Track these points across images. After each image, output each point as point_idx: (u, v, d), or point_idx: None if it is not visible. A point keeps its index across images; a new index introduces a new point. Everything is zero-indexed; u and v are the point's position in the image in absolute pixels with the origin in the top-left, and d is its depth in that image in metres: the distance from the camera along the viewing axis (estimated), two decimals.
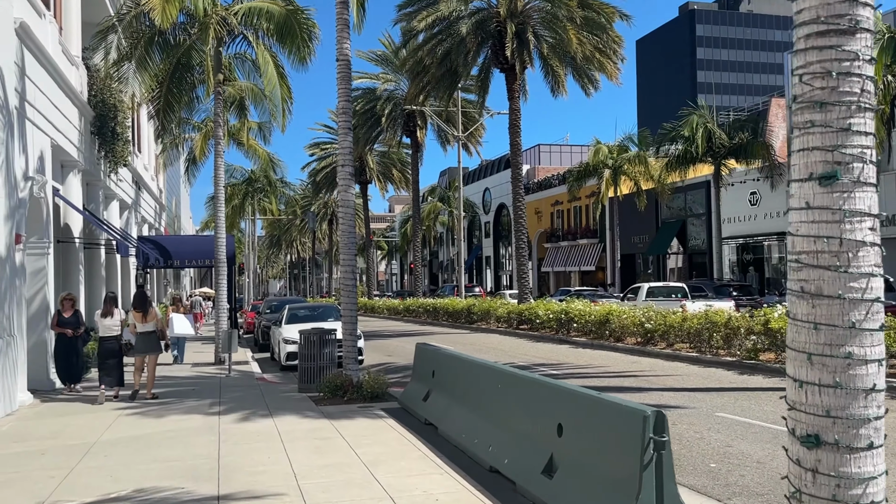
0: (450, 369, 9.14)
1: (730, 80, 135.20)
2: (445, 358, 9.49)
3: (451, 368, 9.08)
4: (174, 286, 50.06)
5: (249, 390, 13.53)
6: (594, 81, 29.83)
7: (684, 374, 14.58)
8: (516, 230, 28.67)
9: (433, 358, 10.03)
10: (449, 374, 9.13)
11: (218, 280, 19.18)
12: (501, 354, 19.51)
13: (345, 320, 11.96)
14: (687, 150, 33.94)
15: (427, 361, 10.30)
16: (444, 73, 27.91)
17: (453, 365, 9.06)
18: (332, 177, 53.34)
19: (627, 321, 19.55)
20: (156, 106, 20.88)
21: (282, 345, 17.81)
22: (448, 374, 9.18)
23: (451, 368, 9.12)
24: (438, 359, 9.79)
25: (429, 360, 10.21)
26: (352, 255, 11.87)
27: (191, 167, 39.20)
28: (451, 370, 9.10)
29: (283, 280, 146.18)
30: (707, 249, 41.28)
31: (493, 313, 28.98)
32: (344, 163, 11.73)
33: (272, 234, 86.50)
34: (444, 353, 9.63)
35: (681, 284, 30.88)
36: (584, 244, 52.84)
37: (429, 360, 10.23)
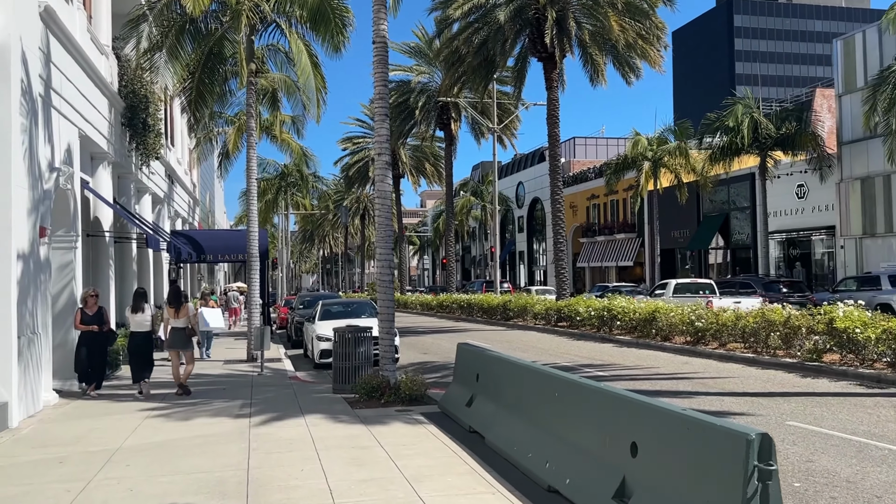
0: (497, 373, 8.39)
1: (769, 72, 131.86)
2: (491, 361, 8.74)
3: (499, 372, 8.33)
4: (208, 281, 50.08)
5: (282, 390, 12.94)
6: (636, 69, 28.77)
7: (741, 376, 13.64)
8: (554, 224, 27.78)
9: (477, 360, 9.29)
10: (496, 379, 8.38)
11: (250, 275, 18.69)
12: (542, 353, 18.72)
13: (381, 317, 11.28)
14: (732, 140, 32.64)
15: (470, 364, 9.57)
16: (480, 63, 27.09)
17: (501, 369, 8.31)
18: (364, 171, 52.98)
19: (676, 319, 18.60)
20: (188, 97, 20.44)
21: (315, 342, 17.24)
22: (495, 379, 8.43)
23: (498, 372, 8.37)
24: (483, 361, 9.05)
25: (472, 363, 9.48)
26: (388, 249, 11.18)
27: (224, 161, 38.98)
28: (498, 374, 8.36)
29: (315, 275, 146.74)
30: (751, 244, 39.88)
31: (530, 310, 28.15)
32: (380, 152, 11.03)
33: (305, 229, 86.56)
34: (490, 356, 8.88)
35: (709, 281, 30.68)
36: (621, 239, 51.64)
37: (472, 362, 9.49)
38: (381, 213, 11.10)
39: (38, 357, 10.89)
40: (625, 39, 25.37)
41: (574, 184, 58.86)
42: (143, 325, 12.75)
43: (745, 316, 16.28)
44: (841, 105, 32.91)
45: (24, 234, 10.55)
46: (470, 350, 9.85)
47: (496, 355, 8.74)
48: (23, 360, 10.21)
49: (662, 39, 27.01)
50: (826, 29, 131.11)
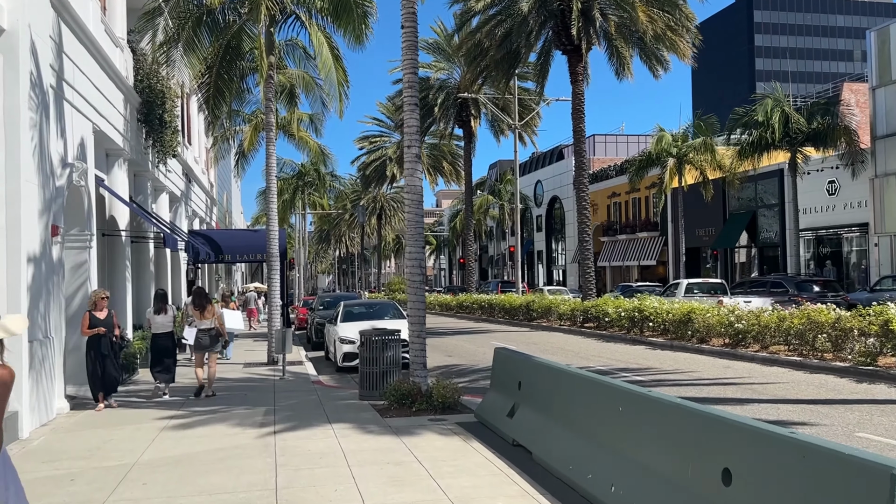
0: (544, 382, 7.68)
1: (789, 68, 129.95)
2: (537, 368, 8.03)
3: (547, 381, 7.62)
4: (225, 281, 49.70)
5: (305, 396, 12.30)
6: (663, 62, 27.95)
7: (790, 381, 12.84)
8: (580, 222, 27.00)
9: (519, 366, 8.59)
10: (543, 388, 7.67)
11: (271, 275, 18.09)
12: (571, 356, 17.98)
13: (412, 320, 10.60)
14: (762, 135, 31.67)
15: (510, 370, 8.86)
16: (503, 56, 26.35)
17: (549, 377, 7.60)
18: (381, 170, 52.42)
19: (713, 321, 17.79)
20: (205, 93, 19.87)
21: (338, 344, 16.61)
22: (541, 388, 7.72)
23: (545, 381, 7.66)
24: (527, 369, 8.34)
25: (513, 370, 8.77)
26: (419, 247, 10.50)
27: (241, 160, 38.51)
28: (545, 384, 7.64)
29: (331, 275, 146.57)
30: (779, 242, 38.85)
31: (554, 310, 27.38)
32: (410, 143, 10.36)
33: (321, 229, 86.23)
34: (536, 363, 8.16)
35: (720, 280, 30.94)
36: (643, 237, 50.70)
37: (513, 369, 8.79)
38: (410, 209, 10.42)
39: (50, 363, 10.32)
40: (653, 30, 24.53)
41: (594, 182, 57.88)
42: (166, 327, 12.74)
43: (790, 317, 15.45)
44: (875, 98, 31.82)
45: (36, 233, 9.97)
46: (510, 356, 9.14)
47: (542, 363, 8.03)
48: (34, 366, 9.64)
49: (692, 30, 26.15)
50: (848, 24, 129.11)
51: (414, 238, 10.46)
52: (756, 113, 32.46)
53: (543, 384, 7.70)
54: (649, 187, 48.61)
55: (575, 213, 60.73)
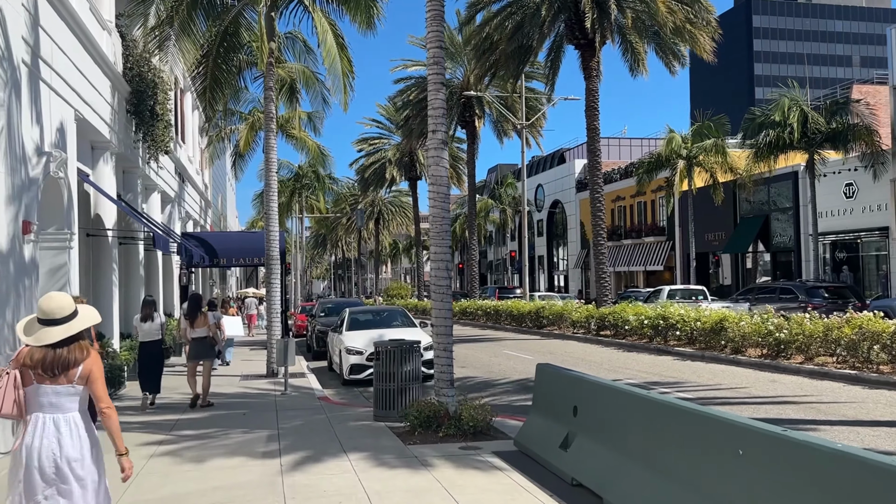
0: (611, 409, 6.32)
1: (788, 73, 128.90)
2: (600, 391, 6.66)
3: (615, 408, 6.26)
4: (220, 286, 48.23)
5: (312, 415, 10.91)
6: (680, 57, 26.73)
7: (854, 398, 11.51)
8: (594, 224, 25.68)
9: (574, 388, 7.22)
10: (610, 417, 6.31)
11: (270, 279, 16.69)
12: (594, 367, 16.62)
13: (438, 330, 9.23)
14: (779, 135, 30.42)
15: (561, 391, 7.50)
16: (514, 50, 25.06)
17: (618, 403, 6.24)
18: (380, 173, 51.04)
19: (748, 329, 16.47)
20: (201, 84, 18.47)
21: (344, 355, 15.22)
22: (609, 416, 6.36)
23: (613, 408, 6.30)
24: (585, 390, 6.97)
25: (565, 390, 7.41)
26: (445, 246, 9.15)
27: (237, 161, 37.11)
28: (613, 410, 6.28)
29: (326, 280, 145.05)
30: (794, 247, 37.62)
31: (567, 317, 26.02)
32: (435, 127, 9.03)
33: (318, 234, 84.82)
34: (597, 385, 6.79)
35: (701, 287, 31.79)
36: (649, 242, 49.43)
37: (564, 389, 7.42)
38: (435, 204, 9.07)
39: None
40: (673, 23, 23.28)
41: None
42: (153, 335, 12.01)
43: (839, 326, 14.14)
44: (895, 98, 30.68)
45: (2, 228, 8.59)
46: (559, 374, 7.76)
47: (607, 385, 6.66)
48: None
49: (712, 24, 24.93)
50: (847, 29, 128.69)
51: (439, 236, 9.10)
52: (773, 112, 31.24)
53: (611, 412, 6.34)
54: (655, 191, 47.40)
55: (577, 217, 59.85)
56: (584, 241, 59.00)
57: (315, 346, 21.64)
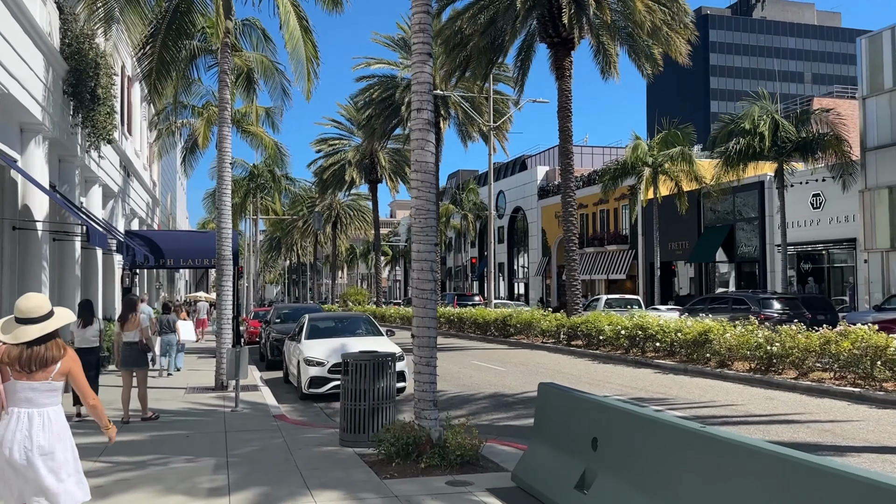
0: (651, 446, 5.09)
1: (742, 87, 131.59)
2: (631, 422, 5.43)
3: (656, 445, 5.04)
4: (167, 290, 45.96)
5: (268, 439, 9.46)
6: (653, 60, 25.94)
7: (864, 418, 10.57)
8: (566, 230, 24.65)
9: (591, 415, 5.98)
10: (650, 455, 5.08)
11: (221, 281, 15.12)
12: (574, 380, 15.48)
13: (419, 342, 7.91)
14: (750, 144, 29.95)
15: (574, 418, 6.25)
16: (486, 46, 23.93)
17: (661, 440, 5.01)
18: (340, 175, 49.45)
19: (734, 342, 15.54)
20: (148, 65, 16.77)
21: (303, 366, 13.75)
22: (646, 454, 5.13)
23: (654, 445, 5.07)
24: (607, 419, 5.74)
25: (579, 418, 6.17)
26: (430, 243, 7.85)
27: (188, 157, 35.17)
28: (654, 448, 5.06)
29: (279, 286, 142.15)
30: (759, 258, 37.33)
31: (535, 326, 24.92)
32: (420, 105, 7.74)
33: (272, 236, 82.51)
34: (627, 414, 5.55)
35: (636, 297, 33.81)
36: (612, 250, 48.88)
37: (579, 416, 6.18)
38: (420, 194, 7.77)
39: None
40: (650, 23, 22.45)
41: (559, 193, 56.01)
42: (90, 341, 11.04)
43: (837, 340, 13.26)
44: (865, 108, 30.50)
45: None
46: (570, 397, 6.50)
47: (640, 414, 5.42)
48: None
49: (689, 26, 24.21)
50: (799, 46, 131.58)
51: (424, 232, 7.79)
52: (743, 121, 30.81)
53: (649, 449, 5.11)
54: (618, 199, 46.93)
55: (539, 224, 59.12)
56: (545, 249, 58.29)
57: (269, 355, 20.06)
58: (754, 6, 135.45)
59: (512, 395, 13.56)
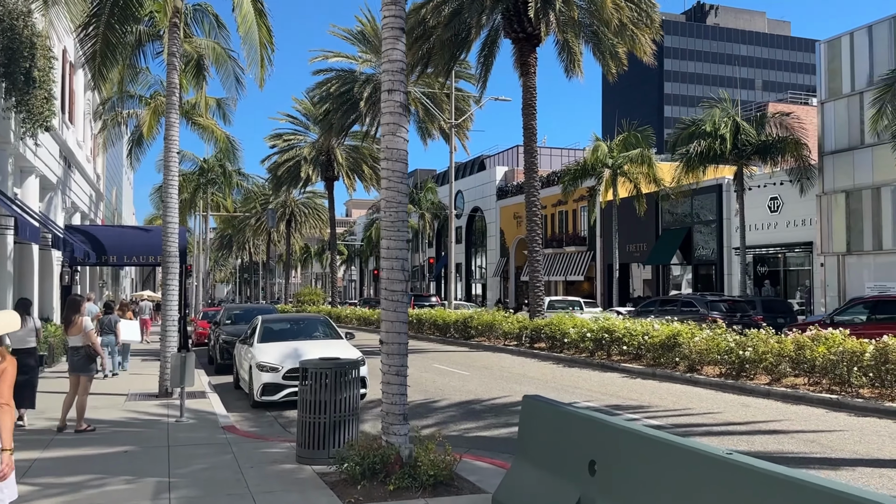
0: (665, 474, 4.43)
1: (695, 93, 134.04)
2: (637, 444, 4.76)
3: (672, 473, 4.37)
4: (112, 288, 44.04)
5: (216, 455, 8.56)
6: (618, 59, 25.55)
7: (847, 427, 10.16)
8: (529, 230, 24.14)
9: (587, 435, 5.30)
10: (664, 485, 4.41)
11: (167, 279, 14.06)
12: (540, 385, 14.90)
13: (388, 348, 7.13)
14: (711, 146, 29.90)
15: (567, 437, 5.56)
16: (449, 38, 23.22)
17: (678, 467, 4.35)
18: (295, 171, 48.18)
19: (704, 345, 15.13)
20: (91, 47, 15.55)
21: (255, 372, 12.81)
22: (659, 484, 4.46)
23: (668, 472, 4.40)
24: (606, 440, 5.06)
25: (572, 437, 5.48)
26: (402, 239, 7.08)
27: (134, 149, 33.59)
28: (669, 476, 4.39)
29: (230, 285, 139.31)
30: (717, 260, 37.46)
31: (498, 328, 24.31)
32: (392, 87, 6.97)
33: (223, 234, 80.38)
34: (631, 435, 4.88)
35: (577, 298, 35.29)
36: (571, 252, 48.69)
37: (572, 435, 5.49)
38: (391, 185, 6.99)
39: None
40: (618, 20, 22.04)
41: (518, 193, 55.73)
42: (26, 342, 10.26)
43: (811, 345, 12.92)
44: (823, 113, 30.74)
45: None
46: (561, 413, 5.80)
47: (648, 435, 4.74)
48: None
49: (655, 23, 23.91)
50: (750, 53, 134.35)
51: (395, 227, 7.02)
52: (704, 123, 30.78)
53: (656, 476, 4.44)
54: (577, 200, 46.73)
55: (497, 225, 58.67)
56: (503, 250, 57.91)
57: (219, 359, 18.98)
58: (708, 13, 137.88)
59: (479, 402, 12.86)
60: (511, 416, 11.52)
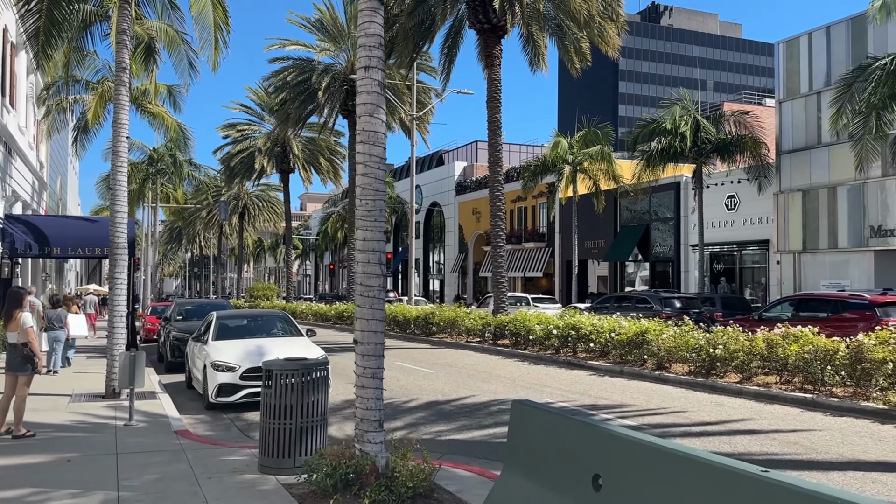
0: (674, 490, 3.98)
1: (650, 93, 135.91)
2: (650, 457, 4.30)
3: (682, 489, 3.93)
4: (55, 282, 42.22)
5: (169, 463, 7.87)
6: (582, 54, 25.30)
7: (825, 427, 9.96)
8: (493, 225, 23.73)
9: (593, 446, 4.83)
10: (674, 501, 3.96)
11: (114, 272, 13.18)
12: (508, 383, 14.49)
13: (363, 349, 6.55)
14: (671, 144, 29.95)
15: (565, 448, 5.09)
16: (413, 28, 22.66)
17: (691, 482, 3.91)
18: (249, 163, 46.99)
19: (672, 343, 14.92)
20: (34, 23, 14.53)
21: (210, 372, 12.07)
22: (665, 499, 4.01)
23: (678, 489, 3.96)
24: (614, 452, 4.61)
25: (572, 447, 5.00)
26: (378, 231, 6.51)
27: (80, 136, 32.12)
28: (679, 493, 3.94)
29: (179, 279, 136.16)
30: (674, 257, 37.70)
31: (460, 325, 23.86)
32: (369, 63, 6.40)
33: (173, 226, 78.21)
34: (644, 447, 4.42)
35: (525, 295, 35.26)
36: (529, 248, 48.55)
37: (574, 445, 5.01)
38: (367, 170, 6.41)
39: None
40: (586, 12, 21.75)
41: (477, 189, 55.44)
42: None
43: (783, 343, 12.76)
44: (781, 112, 31.07)
45: None
46: (560, 419, 5.32)
47: (665, 448, 4.29)
48: None
49: (621, 17, 23.71)
50: (702, 55, 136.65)
51: (371, 216, 6.44)
52: (665, 120, 30.82)
53: (677, 496, 3.99)
54: (536, 196, 46.58)
55: (456, 220, 58.24)
56: (462, 245, 57.53)
57: (170, 357, 18.07)
58: (662, 14, 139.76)
59: (449, 403, 12.37)
60: (484, 417, 11.06)
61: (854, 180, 27.11)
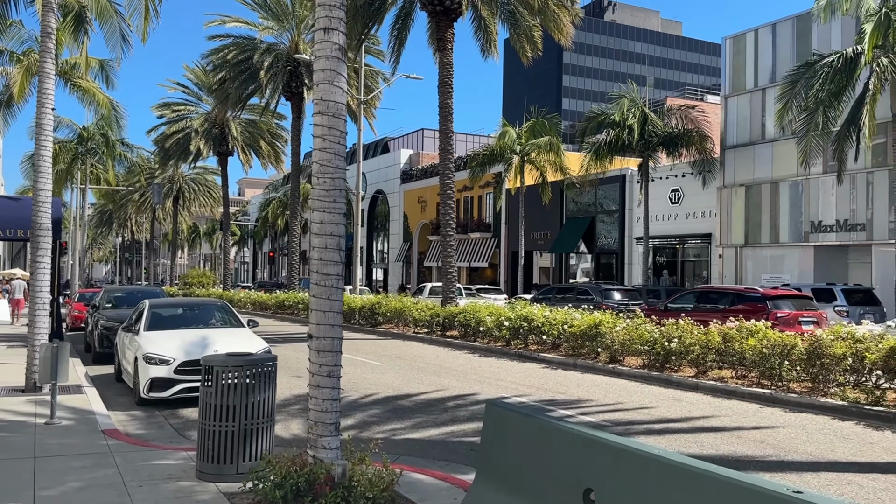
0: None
1: (593, 87, 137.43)
2: (655, 471, 3.80)
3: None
4: None
5: (96, 468, 7.04)
6: (534, 42, 24.89)
7: (787, 424, 9.77)
8: (443, 213, 23.12)
9: (583, 456, 4.30)
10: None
11: (36, 256, 12.08)
12: (460, 377, 13.99)
13: (318, 344, 5.87)
14: (619, 136, 29.94)
15: (552, 457, 4.55)
16: (363, 6, 21.83)
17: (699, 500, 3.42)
18: (184, 145, 45.07)
19: (626, 336, 14.66)
20: None
21: (142, 365, 11.13)
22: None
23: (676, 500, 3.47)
24: (610, 464, 4.10)
25: (561, 458, 4.47)
26: (338, 213, 5.85)
27: (4, 112, 30.05)
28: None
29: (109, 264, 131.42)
30: (618, 249, 37.89)
31: (407, 315, 23.23)
32: (329, 24, 5.72)
33: (104, 209, 75.04)
34: (648, 459, 3.91)
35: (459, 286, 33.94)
36: (475, 238, 48.21)
37: (560, 455, 4.48)
38: (326, 145, 5.73)
39: None
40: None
41: (423, 178, 54.82)
42: None
43: (740, 338, 12.59)
44: (727, 107, 31.42)
45: None
46: (544, 426, 4.78)
47: (674, 462, 3.78)
48: None
49: (575, 6, 23.38)
50: (645, 51, 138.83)
51: (330, 196, 5.77)
52: (613, 112, 30.79)
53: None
54: (483, 186, 46.27)
55: (401, 209, 57.47)
56: (406, 234, 56.82)
57: (97, 347, 16.90)
58: (606, 9, 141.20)
59: (403, 398, 11.76)
60: (439, 413, 10.51)
61: (796, 176, 27.59)
